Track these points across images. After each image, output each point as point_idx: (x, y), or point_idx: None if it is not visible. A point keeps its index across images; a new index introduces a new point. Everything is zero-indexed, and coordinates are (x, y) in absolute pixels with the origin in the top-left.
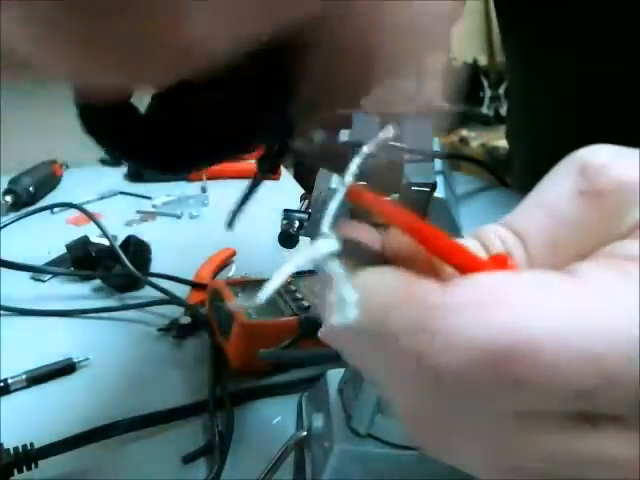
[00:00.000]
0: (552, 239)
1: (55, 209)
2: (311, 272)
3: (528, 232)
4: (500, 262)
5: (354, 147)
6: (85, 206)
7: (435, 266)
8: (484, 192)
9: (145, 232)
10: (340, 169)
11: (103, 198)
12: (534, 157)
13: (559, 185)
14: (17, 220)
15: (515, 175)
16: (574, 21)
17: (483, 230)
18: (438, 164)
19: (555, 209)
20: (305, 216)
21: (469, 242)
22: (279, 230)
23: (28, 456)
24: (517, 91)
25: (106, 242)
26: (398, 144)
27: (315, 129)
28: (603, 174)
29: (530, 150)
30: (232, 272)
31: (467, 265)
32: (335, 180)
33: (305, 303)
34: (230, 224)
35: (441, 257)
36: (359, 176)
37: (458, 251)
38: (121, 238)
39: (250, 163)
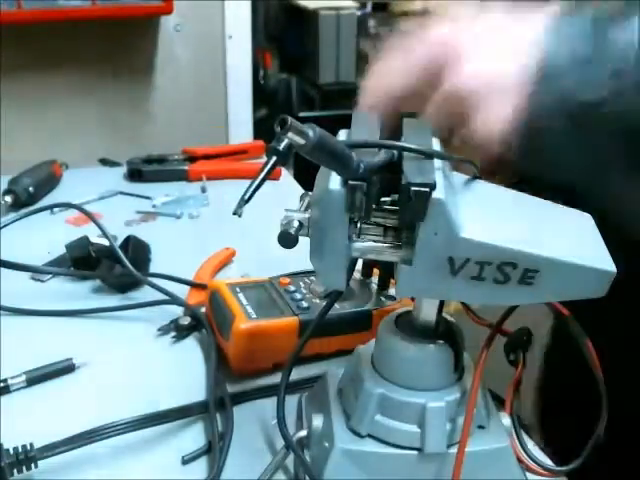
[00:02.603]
0: None
1: (55, 209)
2: (310, 272)
3: None
4: None
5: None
6: (85, 206)
7: None
8: (484, 192)
9: (145, 232)
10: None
11: (103, 198)
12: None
13: None
14: (17, 220)
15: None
16: None
17: None
18: (438, 164)
19: None
20: (305, 216)
21: None
22: (279, 230)
23: (28, 456)
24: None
25: (106, 242)
26: (398, 143)
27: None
28: None
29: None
30: (232, 272)
31: None
32: (335, 179)
33: (305, 303)
34: (238, 212)
35: None
36: None
37: None
38: (121, 238)
39: (249, 163)
